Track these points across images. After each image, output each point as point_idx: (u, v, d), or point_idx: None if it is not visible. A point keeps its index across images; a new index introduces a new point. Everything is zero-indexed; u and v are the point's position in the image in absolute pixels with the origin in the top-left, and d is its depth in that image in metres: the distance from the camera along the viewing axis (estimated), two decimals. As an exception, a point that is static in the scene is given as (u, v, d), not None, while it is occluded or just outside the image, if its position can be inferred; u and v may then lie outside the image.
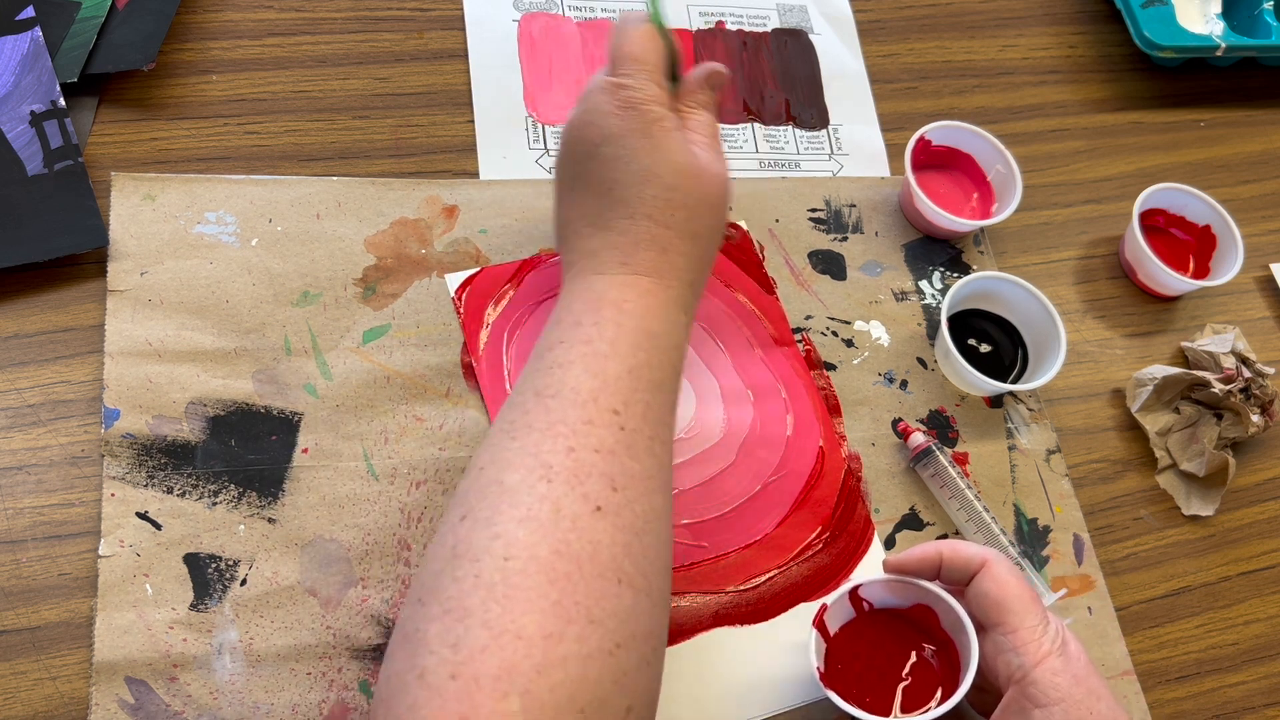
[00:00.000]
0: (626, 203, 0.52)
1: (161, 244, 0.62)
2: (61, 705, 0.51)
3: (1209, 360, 0.70)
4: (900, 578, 0.55)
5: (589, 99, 0.54)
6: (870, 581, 0.56)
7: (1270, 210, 0.81)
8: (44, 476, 0.56)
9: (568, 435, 0.45)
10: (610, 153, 0.52)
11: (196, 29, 0.70)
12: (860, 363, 0.68)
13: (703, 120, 0.55)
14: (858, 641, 0.56)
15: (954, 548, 0.54)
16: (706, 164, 0.53)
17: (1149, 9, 0.81)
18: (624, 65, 0.53)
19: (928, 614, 0.56)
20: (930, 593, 0.55)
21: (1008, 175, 0.72)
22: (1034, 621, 0.51)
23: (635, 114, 0.52)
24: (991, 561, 0.53)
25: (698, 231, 0.53)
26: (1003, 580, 0.52)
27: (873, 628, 0.57)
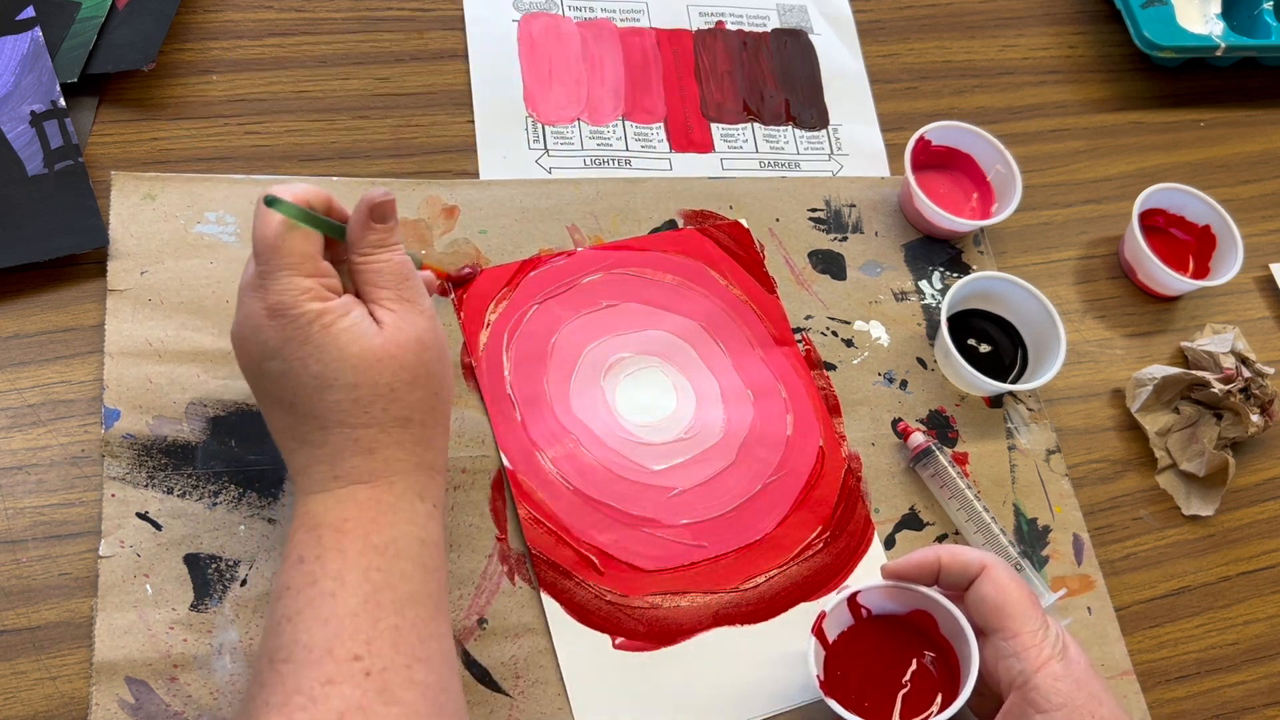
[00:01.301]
0: (314, 414, 0.46)
1: (162, 244, 0.62)
2: (61, 705, 0.51)
3: (1209, 360, 0.70)
4: (898, 584, 0.55)
5: (241, 305, 0.48)
6: (868, 588, 0.56)
7: (1270, 210, 0.81)
8: (44, 476, 0.56)
9: (307, 706, 0.41)
10: (277, 368, 0.47)
11: (196, 29, 0.70)
12: (860, 363, 0.68)
13: (384, 269, 0.49)
14: (857, 648, 0.56)
15: (952, 553, 0.54)
16: (391, 339, 0.47)
17: (1149, 9, 0.81)
18: (264, 261, 0.47)
19: (926, 619, 0.56)
20: (929, 598, 0.55)
21: (1008, 175, 0.72)
22: (1034, 626, 0.51)
23: (288, 320, 0.46)
24: (990, 566, 0.53)
25: (407, 415, 0.47)
26: (1002, 584, 0.52)
27: (872, 634, 0.57)
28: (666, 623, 0.59)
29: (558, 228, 0.68)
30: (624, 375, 0.65)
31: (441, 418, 0.50)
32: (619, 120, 0.73)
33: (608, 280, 0.67)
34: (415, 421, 0.48)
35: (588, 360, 0.64)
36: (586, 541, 0.59)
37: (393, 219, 0.50)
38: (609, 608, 0.58)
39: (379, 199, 0.49)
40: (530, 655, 0.57)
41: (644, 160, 0.72)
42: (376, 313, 0.48)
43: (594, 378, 0.64)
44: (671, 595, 0.59)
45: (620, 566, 0.59)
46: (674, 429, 0.64)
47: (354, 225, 0.49)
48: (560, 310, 0.65)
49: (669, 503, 0.62)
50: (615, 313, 0.66)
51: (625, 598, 0.59)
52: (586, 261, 0.67)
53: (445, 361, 0.50)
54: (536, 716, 0.55)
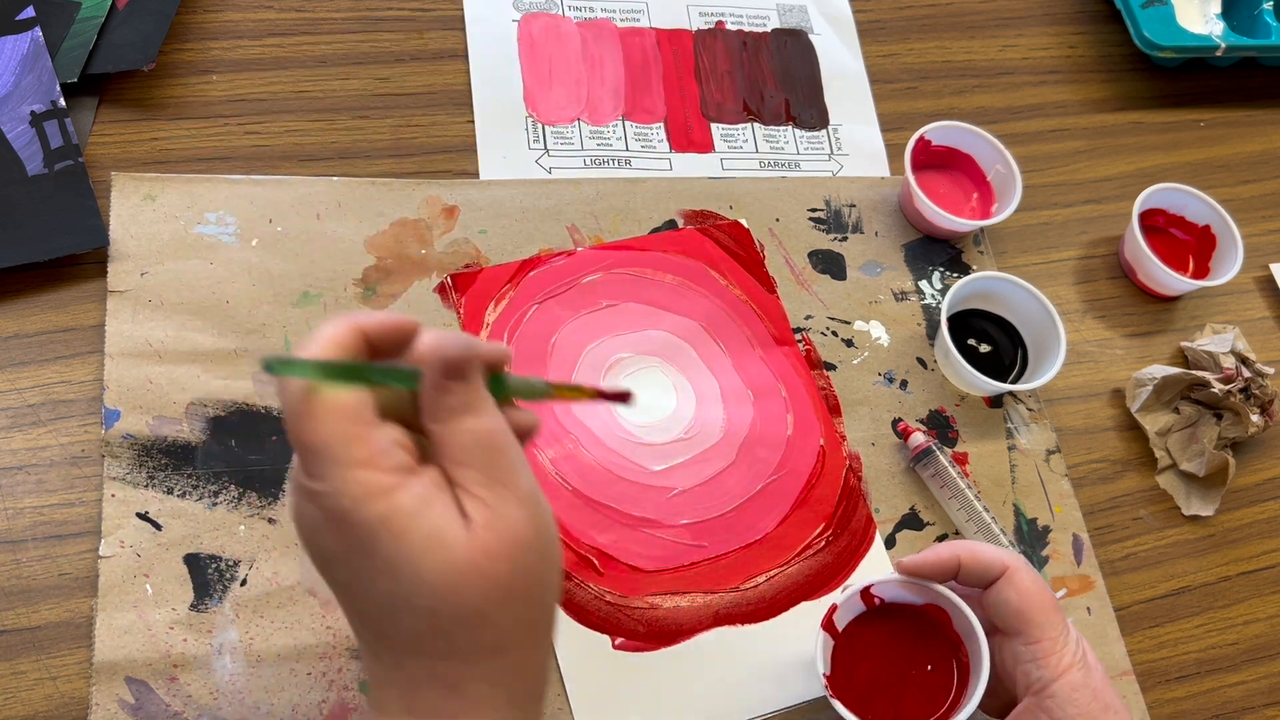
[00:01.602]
0: (384, 636, 0.38)
1: (162, 244, 0.62)
2: (61, 705, 0.51)
3: (1209, 360, 0.70)
4: (914, 580, 0.55)
5: (293, 505, 0.39)
6: (884, 580, 0.55)
7: (1270, 210, 0.81)
8: (44, 476, 0.56)
9: None
10: (341, 578, 0.38)
11: (196, 29, 0.70)
12: (860, 363, 0.68)
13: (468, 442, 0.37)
14: (867, 638, 0.56)
15: (973, 552, 0.52)
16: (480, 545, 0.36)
17: (1149, 9, 0.81)
18: (309, 463, 0.36)
19: (940, 613, 0.55)
20: (942, 595, 0.54)
21: (1008, 175, 0.72)
22: (1056, 632, 0.50)
23: (347, 527, 0.36)
24: (1013, 569, 0.51)
25: (499, 641, 0.37)
26: (1025, 589, 0.51)
27: (883, 624, 0.56)
28: (666, 623, 0.59)
29: (558, 228, 0.68)
30: (624, 375, 0.65)
31: (543, 635, 0.40)
32: (619, 120, 0.73)
33: (608, 280, 0.67)
34: (510, 647, 0.38)
35: (588, 360, 0.64)
36: (586, 542, 0.59)
37: (475, 375, 0.38)
38: (609, 608, 0.58)
39: (454, 353, 0.37)
40: (530, 655, 0.57)
41: (644, 160, 0.72)
42: (463, 501, 0.37)
43: (594, 378, 0.64)
44: (671, 595, 0.59)
45: (620, 567, 0.59)
46: (674, 429, 0.64)
47: (427, 386, 0.38)
48: (560, 310, 0.65)
49: (669, 503, 0.62)
50: (615, 313, 0.66)
51: (625, 598, 0.59)
52: (586, 261, 0.67)
53: (550, 560, 0.39)
54: (536, 716, 0.55)
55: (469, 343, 0.38)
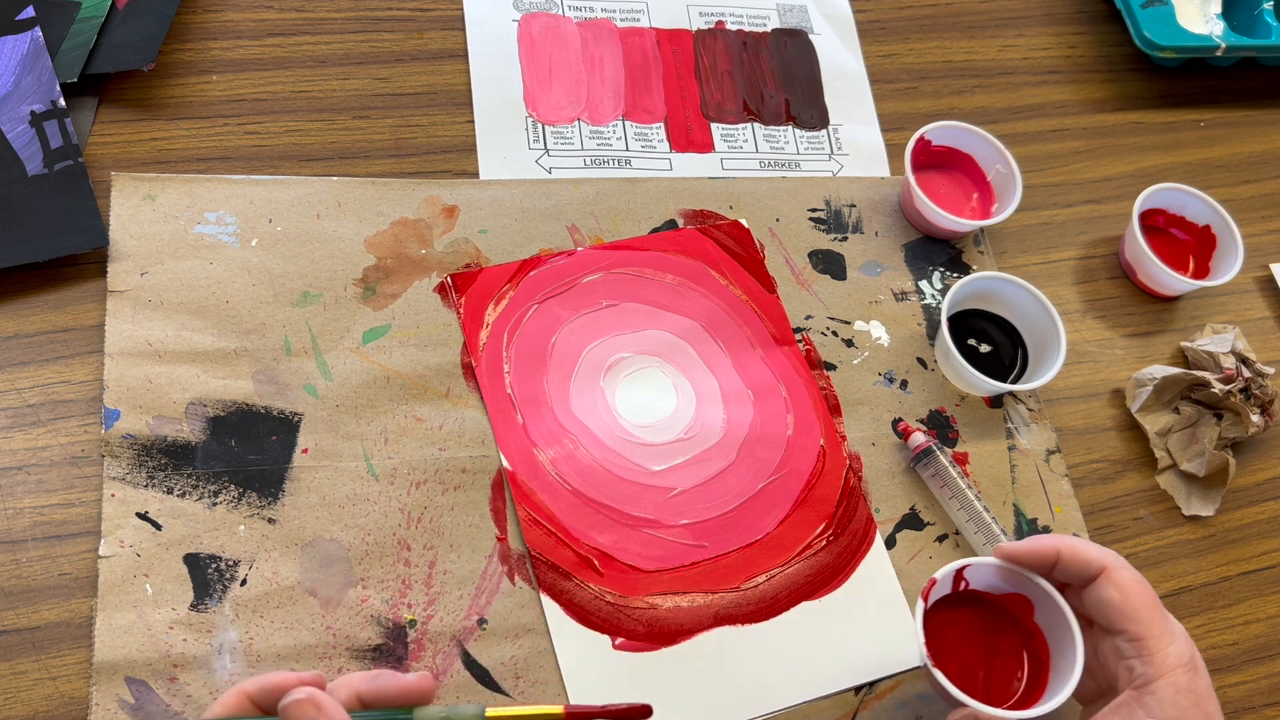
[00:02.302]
0: None
1: (161, 244, 0.62)
2: (61, 705, 0.51)
3: (1209, 360, 0.70)
4: (1011, 567, 0.54)
5: None
6: (979, 563, 0.54)
7: (1270, 210, 0.81)
8: (44, 476, 0.56)
9: None
10: None
11: (196, 29, 0.70)
12: (860, 363, 0.68)
13: None
14: (948, 620, 0.56)
15: (1073, 549, 0.52)
16: None
17: (1149, 9, 0.81)
18: None
19: (1022, 603, 0.55)
20: (1034, 585, 0.53)
21: (1008, 175, 0.72)
22: (1159, 630, 0.49)
23: None
24: (1112, 568, 0.51)
25: None
26: (1126, 587, 0.50)
27: (965, 609, 0.56)
28: (666, 623, 0.59)
29: (558, 228, 0.68)
30: (624, 375, 0.65)
31: None
32: (619, 120, 0.73)
33: (608, 280, 0.67)
34: None
35: (588, 360, 0.64)
36: (586, 542, 0.59)
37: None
38: (609, 608, 0.58)
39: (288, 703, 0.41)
40: (530, 655, 0.57)
41: (644, 160, 0.72)
42: None
43: (594, 378, 0.64)
44: (671, 595, 0.59)
45: (620, 567, 0.59)
46: (674, 429, 0.64)
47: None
48: (560, 310, 0.65)
49: (669, 503, 0.62)
50: (615, 312, 0.66)
51: (625, 598, 0.59)
52: (586, 261, 0.67)
53: None
54: (536, 716, 0.55)
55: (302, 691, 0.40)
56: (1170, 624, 0.50)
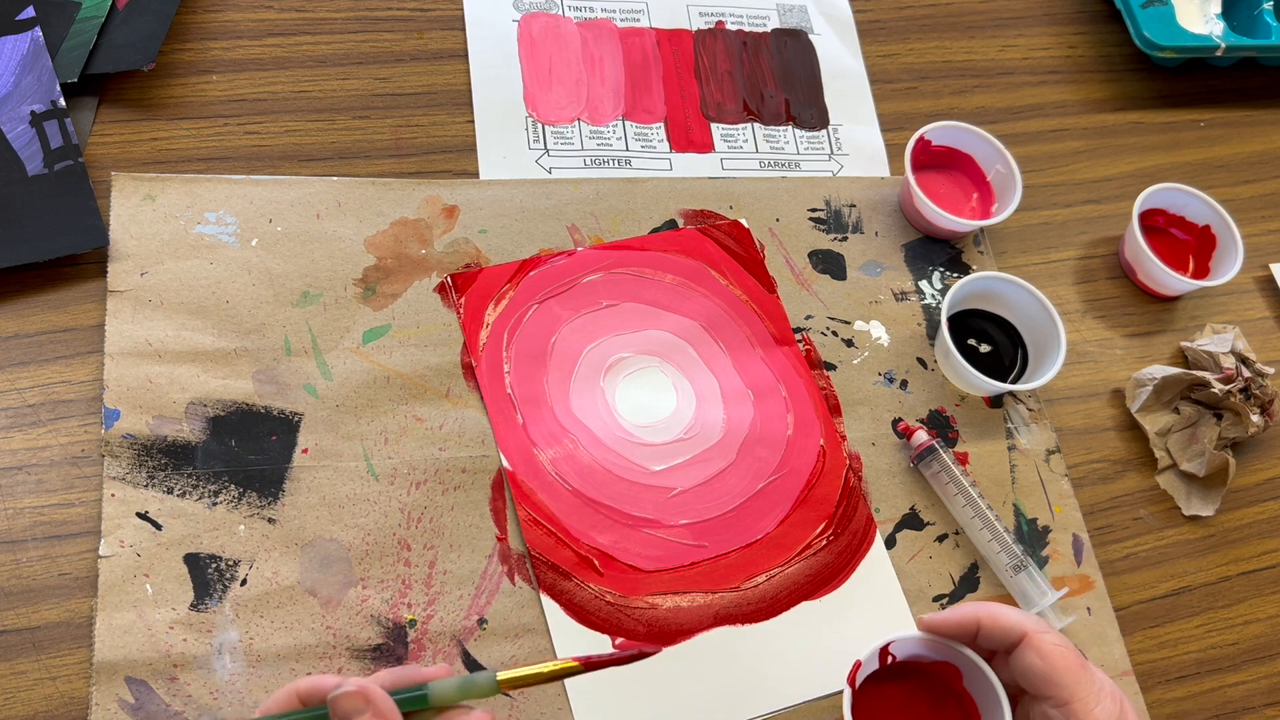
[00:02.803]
0: None
1: (162, 244, 0.62)
2: (61, 705, 0.51)
3: (1209, 360, 0.70)
4: (935, 638, 0.54)
5: None
6: (902, 638, 0.54)
7: (1270, 210, 0.81)
8: (44, 476, 0.56)
9: None
10: None
11: (196, 29, 0.70)
12: (860, 363, 0.68)
13: None
14: (881, 695, 0.55)
15: (993, 616, 0.51)
16: None
17: (1149, 9, 0.81)
18: None
19: (951, 670, 0.55)
20: (960, 654, 0.53)
21: (1008, 175, 0.72)
22: (1085, 692, 0.49)
23: None
24: (1032, 633, 0.50)
25: None
26: (1047, 653, 0.50)
27: (898, 682, 0.56)
28: (666, 623, 0.59)
29: (558, 228, 0.68)
30: (624, 375, 0.65)
31: None
32: (619, 120, 0.73)
33: (608, 280, 0.67)
34: None
35: (588, 360, 0.64)
36: (586, 543, 0.59)
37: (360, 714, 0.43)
38: (609, 608, 0.58)
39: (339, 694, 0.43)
40: (530, 655, 0.57)
41: (644, 160, 0.72)
42: None
43: (594, 378, 0.64)
44: (671, 595, 0.59)
45: (620, 567, 0.59)
46: (674, 429, 0.64)
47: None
48: (560, 310, 0.65)
49: (669, 503, 0.62)
50: (615, 312, 0.66)
51: (625, 598, 0.59)
52: (586, 261, 0.67)
53: None
54: (536, 717, 0.55)
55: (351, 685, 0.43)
56: (1096, 683, 0.50)
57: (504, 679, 0.44)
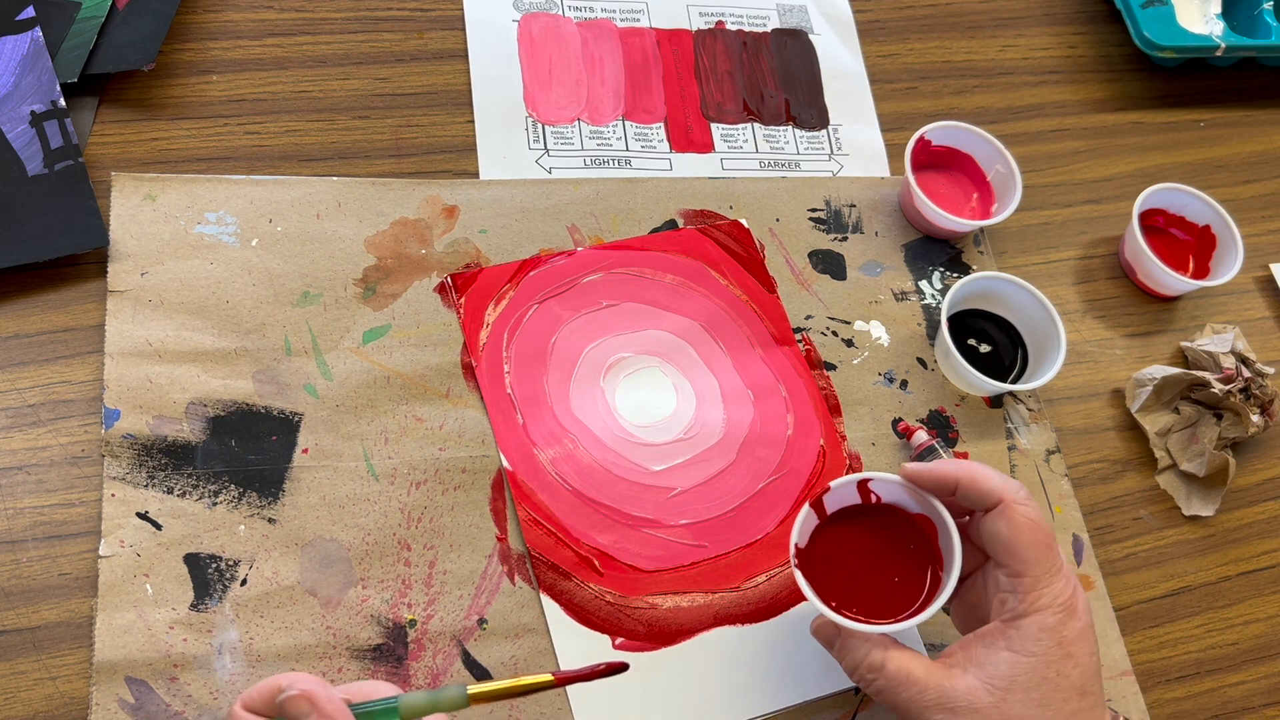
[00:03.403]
0: None
1: (162, 244, 0.62)
2: (61, 705, 0.51)
3: (1209, 360, 0.70)
4: (911, 488, 0.53)
5: None
6: (883, 478, 0.54)
7: (1270, 210, 0.81)
8: (44, 476, 0.56)
9: None
10: None
11: (196, 29, 0.70)
12: (860, 363, 0.68)
13: None
14: (852, 528, 0.55)
15: (973, 478, 0.51)
16: None
17: (1149, 9, 0.81)
18: None
19: (930, 525, 0.54)
20: (935, 510, 0.53)
21: (1008, 175, 0.72)
22: (1040, 571, 0.49)
23: None
24: (1008, 502, 0.50)
25: None
26: (1017, 524, 0.50)
27: (878, 521, 0.55)
28: (666, 623, 0.59)
29: (558, 228, 0.68)
30: (624, 375, 0.65)
31: None
32: (619, 120, 0.73)
33: (608, 280, 0.67)
34: None
35: (588, 360, 0.65)
36: (586, 543, 0.59)
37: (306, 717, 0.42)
38: (609, 608, 0.58)
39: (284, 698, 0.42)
40: (530, 655, 0.57)
41: (644, 160, 0.72)
42: None
43: (594, 378, 0.64)
44: (671, 595, 0.59)
45: (620, 567, 0.59)
46: (674, 429, 0.64)
47: None
48: (560, 310, 0.65)
49: (669, 503, 0.62)
50: (615, 312, 0.66)
51: (625, 598, 0.59)
52: (586, 261, 0.67)
53: None
54: (536, 716, 0.55)
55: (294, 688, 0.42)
56: (1055, 566, 0.50)
57: (474, 693, 0.44)
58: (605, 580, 0.59)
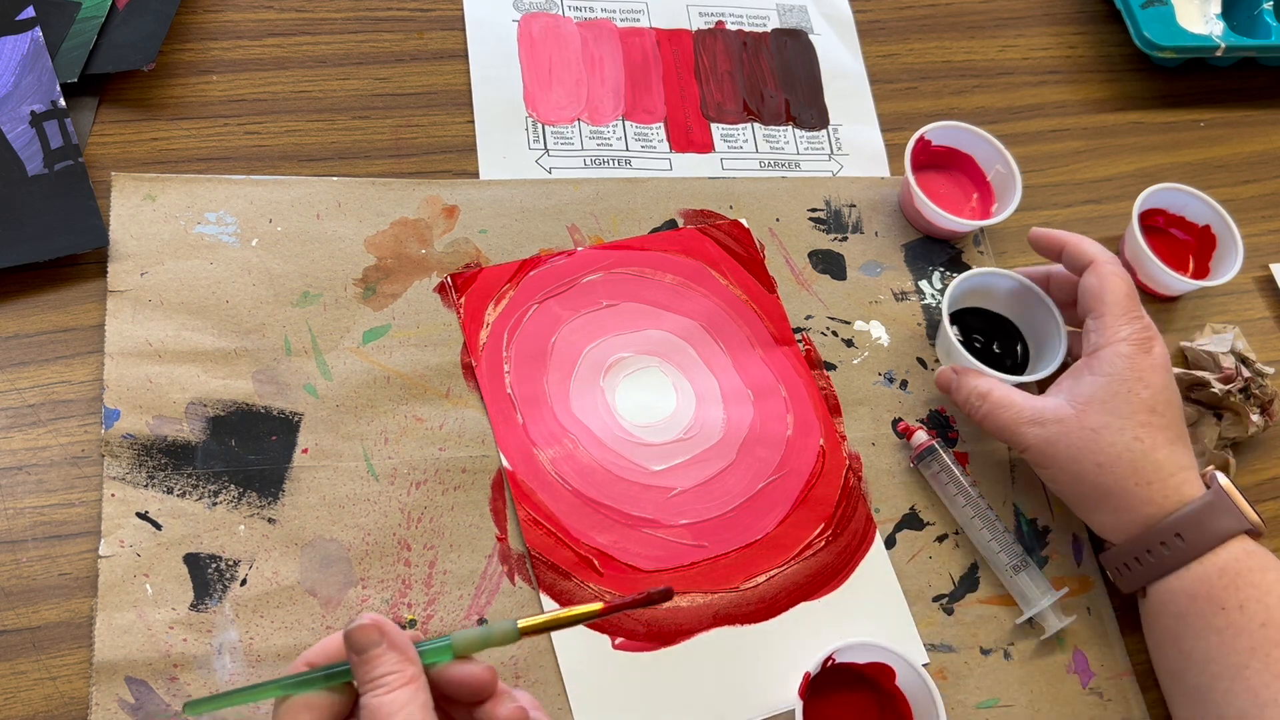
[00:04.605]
0: None
1: (162, 244, 0.62)
2: (61, 705, 0.51)
3: (1209, 360, 0.70)
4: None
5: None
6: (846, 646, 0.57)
7: (1270, 210, 0.81)
8: (44, 476, 0.56)
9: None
10: None
11: (196, 29, 0.70)
12: (860, 362, 0.68)
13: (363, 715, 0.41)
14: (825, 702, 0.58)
15: (1077, 241, 0.63)
16: None
17: (1149, 9, 0.81)
18: None
19: (885, 671, 0.57)
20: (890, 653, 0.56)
21: (1008, 175, 0.72)
22: (1119, 313, 0.59)
23: None
24: (1099, 261, 0.61)
25: None
26: (1105, 276, 0.60)
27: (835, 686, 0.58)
28: (666, 623, 0.59)
29: (558, 228, 0.68)
30: (624, 375, 0.65)
31: None
32: (619, 120, 0.73)
33: (608, 280, 0.67)
34: None
35: (588, 360, 0.65)
36: (586, 542, 0.59)
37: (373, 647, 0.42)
38: (609, 608, 0.58)
39: (350, 628, 0.42)
40: (530, 655, 0.57)
41: (644, 160, 0.72)
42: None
43: (594, 378, 0.64)
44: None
45: (620, 567, 0.59)
46: (674, 429, 0.64)
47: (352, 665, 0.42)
48: (560, 310, 0.65)
49: (669, 503, 0.62)
50: (615, 312, 0.66)
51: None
52: (586, 261, 0.67)
53: None
54: (536, 716, 0.55)
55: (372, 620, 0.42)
56: (1133, 312, 0.59)
57: (525, 626, 0.44)
58: (605, 580, 0.59)
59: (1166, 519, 0.56)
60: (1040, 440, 0.59)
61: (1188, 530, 0.55)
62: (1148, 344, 0.58)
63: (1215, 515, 0.55)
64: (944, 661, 0.61)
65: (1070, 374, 0.60)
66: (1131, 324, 0.59)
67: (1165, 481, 0.56)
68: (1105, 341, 0.58)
